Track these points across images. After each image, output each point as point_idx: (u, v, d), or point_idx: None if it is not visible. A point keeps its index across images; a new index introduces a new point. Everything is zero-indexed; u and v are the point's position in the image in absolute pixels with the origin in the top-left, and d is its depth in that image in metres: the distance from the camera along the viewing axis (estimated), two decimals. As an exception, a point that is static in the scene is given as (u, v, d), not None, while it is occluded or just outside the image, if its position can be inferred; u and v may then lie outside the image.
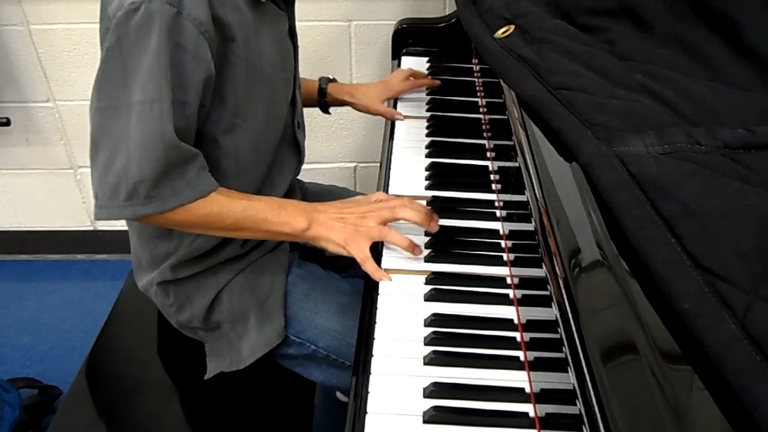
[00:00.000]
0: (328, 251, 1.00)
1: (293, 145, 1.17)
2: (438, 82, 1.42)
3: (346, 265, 1.33)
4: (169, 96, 0.84)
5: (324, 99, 1.38)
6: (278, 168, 1.13)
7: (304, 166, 2.04)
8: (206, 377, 1.12)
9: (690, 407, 0.45)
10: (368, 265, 0.95)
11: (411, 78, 1.41)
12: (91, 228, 2.19)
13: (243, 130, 1.00)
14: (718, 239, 0.47)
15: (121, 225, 1.07)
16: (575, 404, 0.57)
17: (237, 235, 1.02)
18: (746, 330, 0.41)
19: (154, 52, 0.82)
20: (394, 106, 1.37)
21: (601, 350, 0.53)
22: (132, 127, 0.85)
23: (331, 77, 1.40)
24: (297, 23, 1.76)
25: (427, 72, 1.49)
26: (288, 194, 1.22)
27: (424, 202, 1.07)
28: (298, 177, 1.38)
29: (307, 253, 1.25)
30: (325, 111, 1.42)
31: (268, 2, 0.97)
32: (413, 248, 0.96)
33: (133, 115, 0.84)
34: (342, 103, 1.40)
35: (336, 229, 0.98)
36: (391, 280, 0.93)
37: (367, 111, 1.37)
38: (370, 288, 0.93)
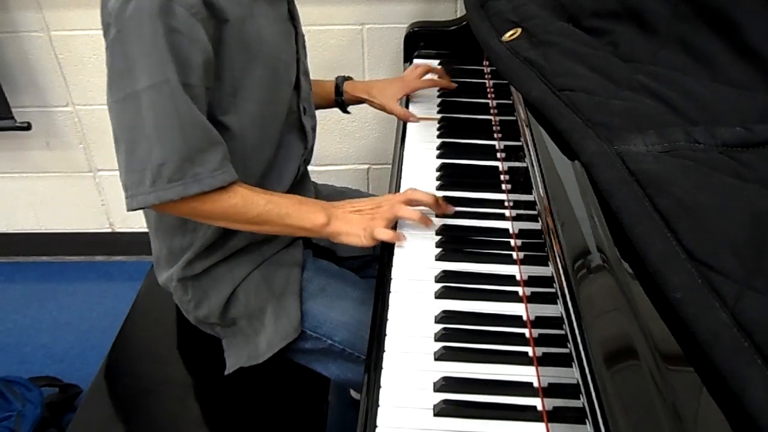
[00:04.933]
0: (345, 246, 1.03)
1: (300, 131, 1.17)
2: (454, 84, 1.42)
3: (359, 266, 1.35)
4: (175, 77, 0.86)
5: (341, 98, 1.38)
6: (285, 153, 1.14)
7: (318, 168, 2.08)
8: (226, 372, 1.14)
9: (688, 406, 0.46)
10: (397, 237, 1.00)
11: (428, 75, 1.41)
12: (109, 230, 2.23)
13: (245, 111, 1.01)
14: (713, 233, 0.49)
15: (138, 227, 1.09)
16: (581, 398, 0.58)
17: (259, 229, 1.04)
18: (736, 318, 0.42)
19: (151, 37, 0.85)
20: (406, 107, 1.37)
21: (602, 347, 0.55)
22: (145, 112, 0.87)
23: (346, 76, 1.40)
24: (310, 27, 1.80)
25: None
26: (301, 186, 1.23)
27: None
28: (313, 180, 1.40)
29: (320, 252, 1.27)
30: (344, 110, 1.42)
31: None
32: (426, 220, 1.01)
33: (144, 100, 0.87)
34: (359, 101, 1.40)
35: (354, 221, 1.02)
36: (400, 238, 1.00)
37: (382, 109, 1.36)
38: (382, 285, 0.94)
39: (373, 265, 1.34)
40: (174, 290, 1.17)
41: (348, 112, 1.44)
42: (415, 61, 1.58)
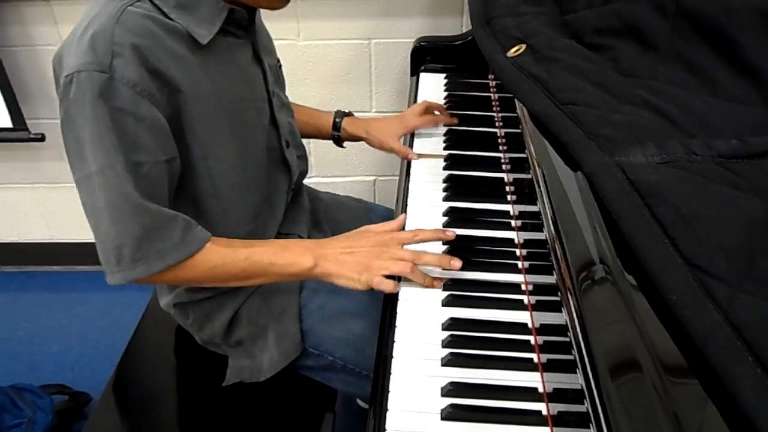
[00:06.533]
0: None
1: (283, 165, 1.15)
2: (455, 120, 1.37)
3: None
4: (119, 160, 0.84)
5: (338, 134, 1.37)
6: (273, 190, 1.14)
7: (324, 180, 2.11)
8: (224, 384, 1.15)
9: (690, 413, 0.47)
10: (387, 288, 0.94)
11: (428, 112, 1.36)
12: (119, 240, 2.25)
13: (218, 171, 0.99)
14: (708, 240, 0.51)
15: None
16: (585, 403, 0.60)
17: (248, 283, 1.00)
18: (729, 319, 0.45)
19: (93, 120, 0.82)
20: (411, 137, 1.36)
21: (605, 355, 0.56)
22: (98, 194, 0.86)
23: (346, 111, 1.39)
24: (319, 41, 1.82)
25: (444, 88, 1.52)
26: (294, 204, 1.23)
27: (440, 212, 1.10)
28: (315, 187, 1.41)
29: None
30: (339, 145, 1.40)
31: (217, 37, 0.93)
32: (430, 283, 0.95)
33: (96, 183, 0.85)
34: (357, 139, 1.38)
35: (348, 264, 0.95)
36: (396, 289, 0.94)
37: (381, 148, 1.34)
38: (390, 294, 0.95)
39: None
40: (174, 315, 1.19)
41: (343, 147, 1.42)
42: (422, 76, 1.61)
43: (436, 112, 1.39)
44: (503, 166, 1.23)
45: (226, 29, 0.95)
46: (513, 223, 1.08)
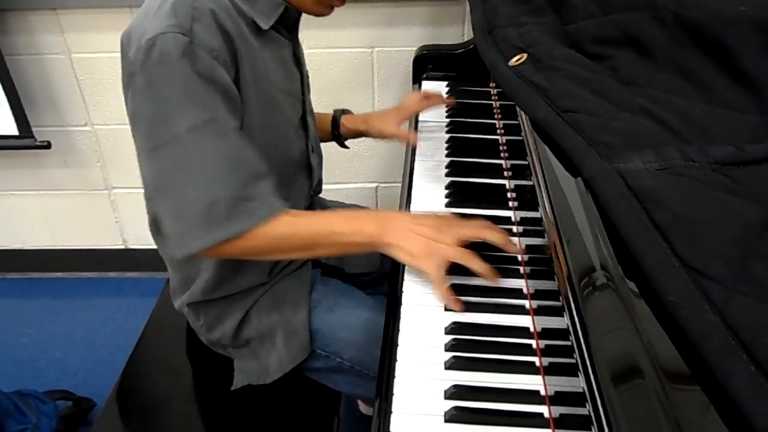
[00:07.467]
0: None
1: (306, 169, 1.18)
2: (452, 100, 1.42)
3: (367, 282, 1.37)
4: (214, 115, 0.86)
5: (337, 131, 1.38)
6: (295, 193, 1.15)
7: (327, 187, 2.11)
8: (233, 388, 1.16)
9: (691, 418, 0.48)
10: (439, 287, 0.92)
11: (425, 99, 1.41)
12: (122, 247, 2.27)
13: None
14: (705, 243, 0.53)
15: (150, 244, 1.11)
16: (586, 406, 0.61)
17: (312, 254, 0.99)
18: (725, 319, 0.46)
19: (182, 80, 0.84)
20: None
21: (606, 358, 0.57)
22: (191, 155, 0.86)
23: (345, 109, 1.41)
24: (323, 50, 1.85)
25: (445, 96, 1.54)
26: None
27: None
28: (321, 196, 1.42)
29: (328, 270, 1.29)
30: (342, 144, 1.42)
31: (271, 30, 0.99)
32: (493, 275, 0.94)
33: (187, 144, 0.86)
34: (357, 134, 1.39)
35: (411, 240, 0.94)
36: (464, 309, 0.92)
37: (382, 135, 1.35)
38: (394, 298, 0.97)
39: (381, 282, 1.36)
40: (187, 315, 1.20)
41: (346, 147, 1.44)
42: (424, 83, 1.62)
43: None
44: (505, 173, 1.24)
45: (275, 27, 1.00)
46: (515, 229, 1.09)
